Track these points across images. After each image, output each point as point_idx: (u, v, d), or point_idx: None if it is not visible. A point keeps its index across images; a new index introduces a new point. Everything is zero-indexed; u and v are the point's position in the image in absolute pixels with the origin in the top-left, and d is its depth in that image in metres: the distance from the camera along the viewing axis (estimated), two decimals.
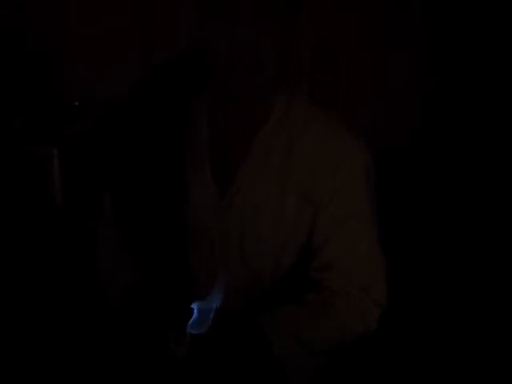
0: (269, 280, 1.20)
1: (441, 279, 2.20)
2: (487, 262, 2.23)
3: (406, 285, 1.84)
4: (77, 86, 2.67)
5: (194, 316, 0.93)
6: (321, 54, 2.65)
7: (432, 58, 2.57)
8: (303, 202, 1.17)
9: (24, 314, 2.05)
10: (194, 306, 0.93)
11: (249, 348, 1.06)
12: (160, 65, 1.23)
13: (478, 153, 2.51)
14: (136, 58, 2.60)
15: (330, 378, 1.24)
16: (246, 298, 1.20)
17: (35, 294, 2.15)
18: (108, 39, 2.62)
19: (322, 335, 1.15)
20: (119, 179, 1.21)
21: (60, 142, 2.29)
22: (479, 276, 2.20)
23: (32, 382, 1.72)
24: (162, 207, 1.17)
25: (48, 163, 2.26)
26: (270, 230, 1.18)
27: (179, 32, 2.24)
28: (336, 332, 1.16)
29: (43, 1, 2.65)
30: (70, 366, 1.74)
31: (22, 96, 2.59)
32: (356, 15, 2.58)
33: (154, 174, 1.17)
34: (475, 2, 2.50)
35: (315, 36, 2.57)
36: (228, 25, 1.05)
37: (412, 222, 2.32)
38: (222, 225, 1.19)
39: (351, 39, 2.61)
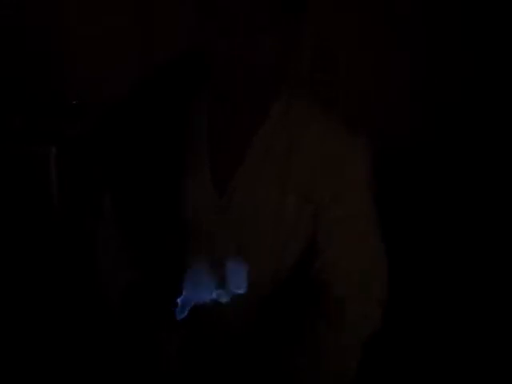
0: (270, 282, 1.20)
1: (441, 280, 2.19)
2: (487, 260, 2.23)
3: (407, 284, 1.84)
4: (77, 85, 2.67)
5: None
6: (321, 54, 2.64)
7: (432, 58, 2.56)
8: (303, 202, 1.18)
9: (23, 315, 2.04)
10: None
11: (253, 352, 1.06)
12: (160, 65, 1.23)
13: (478, 153, 2.51)
14: (136, 58, 2.60)
15: None
16: (245, 301, 1.20)
17: (34, 295, 2.14)
18: (108, 39, 2.62)
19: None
20: (119, 179, 1.21)
21: (60, 141, 2.29)
22: (479, 276, 2.19)
23: (32, 382, 1.72)
24: (161, 207, 1.17)
25: (47, 163, 2.26)
26: (270, 230, 1.18)
27: (179, 32, 2.24)
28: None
29: (43, 1, 2.65)
30: (70, 365, 1.74)
31: (22, 96, 2.59)
32: (356, 15, 2.58)
33: (153, 174, 1.17)
34: (475, 2, 2.50)
35: (315, 36, 2.56)
36: (228, 25, 1.05)
37: (412, 221, 2.31)
38: (222, 225, 1.19)
39: (351, 39, 2.61)
